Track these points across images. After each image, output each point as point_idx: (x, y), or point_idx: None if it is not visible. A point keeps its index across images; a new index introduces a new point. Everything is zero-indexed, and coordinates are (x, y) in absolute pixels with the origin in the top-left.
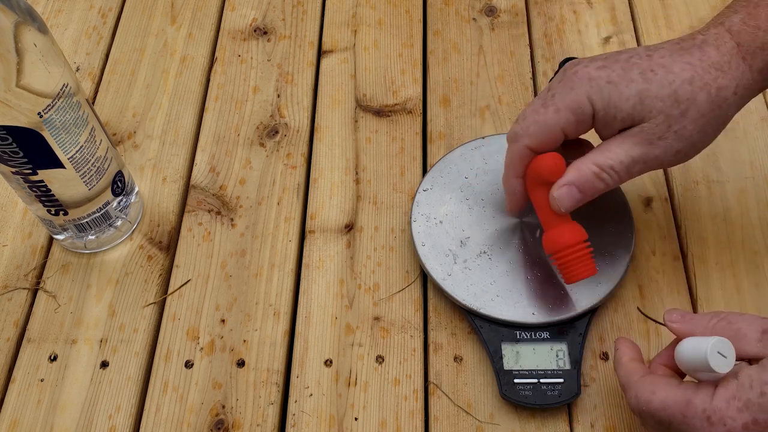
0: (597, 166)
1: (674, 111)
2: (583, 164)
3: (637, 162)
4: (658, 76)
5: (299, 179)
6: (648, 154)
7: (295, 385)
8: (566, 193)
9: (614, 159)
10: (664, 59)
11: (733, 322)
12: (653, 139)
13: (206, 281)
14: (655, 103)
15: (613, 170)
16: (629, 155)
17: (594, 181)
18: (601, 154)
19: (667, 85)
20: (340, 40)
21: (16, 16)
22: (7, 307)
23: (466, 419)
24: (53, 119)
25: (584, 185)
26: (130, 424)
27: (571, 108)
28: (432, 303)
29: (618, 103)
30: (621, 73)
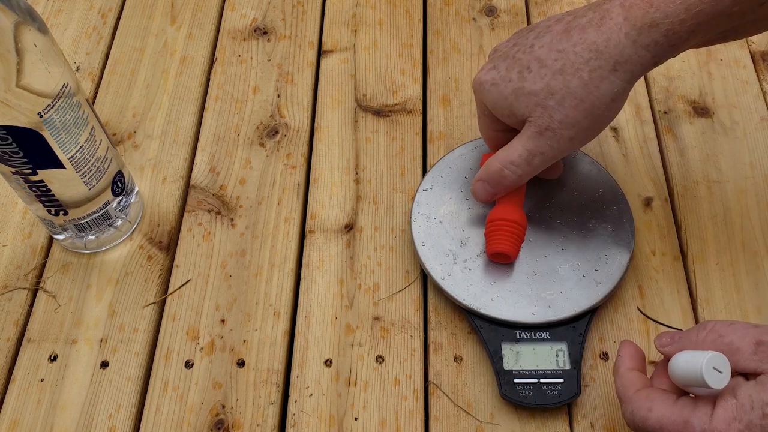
0: (500, 163)
1: (550, 102)
2: (490, 161)
3: (534, 154)
4: (532, 72)
5: (299, 179)
6: (541, 145)
7: (295, 385)
8: (480, 187)
9: (513, 154)
10: (542, 50)
11: (724, 335)
12: (541, 130)
13: (206, 281)
14: (530, 99)
15: (513, 164)
16: (525, 148)
17: (499, 175)
18: (504, 151)
19: (540, 80)
20: (340, 40)
21: (16, 16)
22: (7, 307)
23: (466, 419)
24: (53, 119)
25: (492, 179)
26: (130, 424)
27: (481, 112)
28: (432, 303)
29: (499, 103)
30: (504, 74)
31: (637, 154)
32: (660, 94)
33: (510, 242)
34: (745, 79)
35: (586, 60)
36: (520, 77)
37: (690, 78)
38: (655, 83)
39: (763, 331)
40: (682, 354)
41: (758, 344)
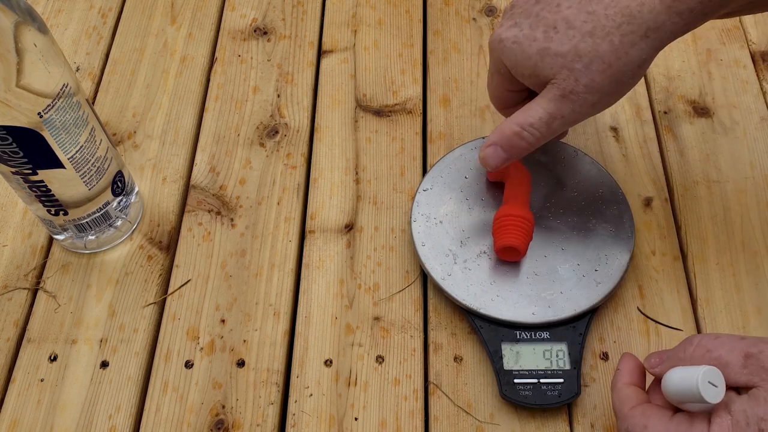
0: (518, 125)
1: (576, 65)
2: (505, 125)
3: (554, 117)
4: (559, 33)
5: (299, 179)
6: (563, 108)
7: (295, 385)
8: (492, 152)
9: (533, 116)
10: (570, 10)
11: (712, 350)
12: (565, 93)
13: (206, 281)
14: (556, 60)
15: (532, 127)
16: (546, 111)
17: (515, 139)
18: (522, 113)
19: (567, 41)
20: (340, 40)
21: (16, 16)
22: (7, 307)
23: (466, 419)
24: (53, 119)
25: (506, 144)
26: (130, 424)
27: (496, 70)
28: (432, 303)
29: (522, 62)
30: (527, 32)
31: (637, 154)
32: (660, 94)
33: (520, 237)
34: (745, 79)
35: (617, 24)
36: (546, 37)
37: (690, 78)
38: (655, 83)
39: (750, 343)
40: (676, 371)
41: (747, 357)
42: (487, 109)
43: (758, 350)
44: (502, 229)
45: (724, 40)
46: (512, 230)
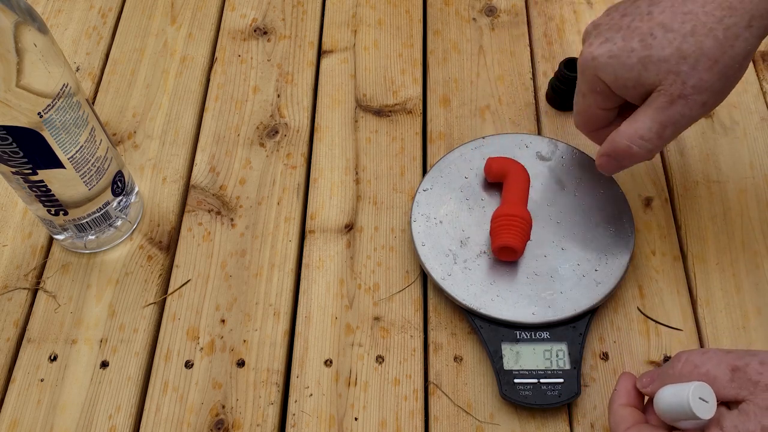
0: (627, 140)
1: (683, 67)
2: (616, 136)
3: (665, 126)
4: (657, 39)
5: (299, 179)
6: (673, 115)
7: (295, 385)
8: (605, 162)
9: (642, 128)
10: (664, 15)
11: (699, 366)
12: (674, 98)
13: (206, 281)
14: (660, 66)
15: (642, 140)
16: (656, 121)
17: (627, 153)
18: (629, 125)
19: (668, 45)
20: (340, 40)
21: (16, 16)
22: (7, 307)
23: (466, 419)
24: (53, 119)
25: (619, 155)
26: (130, 424)
27: (591, 89)
28: (432, 303)
29: (623, 74)
30: (622, 44)
31: None
32: None
33: (517, 236)
34: (745, 79)
35: (719, 18)
36: (644, 45)
37: None
38: None
39: (737, 356)
40: (666, 389)
41: (734, 370)
42: (486, 109)
43: (744, 363)
44: (499, 229)
45: None
46: (510, 230)
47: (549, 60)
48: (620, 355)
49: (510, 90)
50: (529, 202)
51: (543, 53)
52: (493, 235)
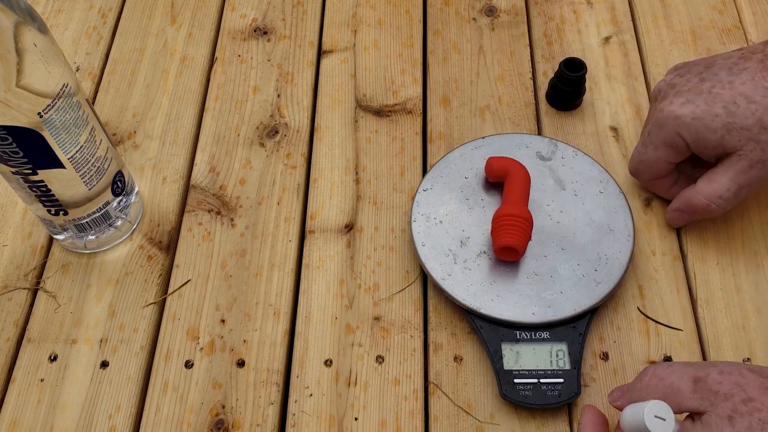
0: (705, 198)
1: (763, 137)
2: (692, 194)
3: (743, 187)
4: (740, 108)
5: (299, 179)
6: (752, 178)
7: (295, 385)
8: (677, 216)
9: (721, 189)
10: (745, 86)
11: (664, 378)
12: (753, 163)
13: (206, 281)
14: (742, 133)
15: (720, 199)
16: (735, 183)
17: (705, 210)
18: (708, 185)
19: (751, 115)
20: (340, 40)
21: (16, 16)
22: (7, 307)
23: (466, 419)
24: (53, 119)
25: (693, 211)
26: (130, 424)
27: (666, 144)
28: (432, 303)
29: (707, 136)
30: (705, 108)
31: None
32: None
33: (518, 236)
34: None
35: None
36: (728, 112)
37: None
38: (656, 83)
39: (698, 367)
40: (627, 409)
41: (695, 381)
42: (486, 109)
43: (705, 374)
44: (500, 229)
45: (724, 40)
46: (511, 230)
47: (549, 60)
48: (620, 355)
49: (510, 90)
50: (529, 202)
51: (543, 53)
52: (494, 235)
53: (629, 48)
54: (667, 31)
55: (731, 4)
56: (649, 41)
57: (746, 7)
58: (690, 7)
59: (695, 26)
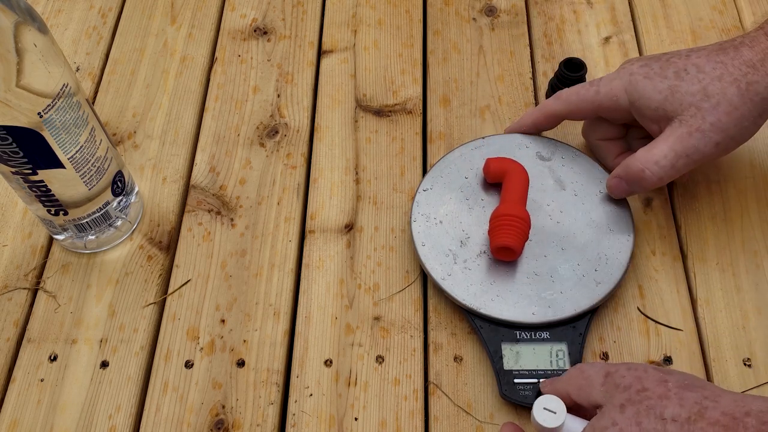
0: (641, 163)
1: (705, 104)
2: (630, 160)
3: (680, 155)
4: (689, 74)
5: (299, 179)
6: (689, 146)
7: (295, 385)
8: (616, 184)
9: (658, 155)
10: (699, 59)
11: (584, 371)
12: (692, 131)
13: (206, 281)
14: (685, 97)
15: (656, 165)
16: (672, 149)
17: (639, 176)
18: (647, 151)
19: (697, 82)
20: (340, 40)
21: (16, 16)
22: (7, 307)
23: (466, 419)
24: (53, 119)
25: (631, 179)
26: (130, 424)
27: (609, 95)
28: (432, 303)
29: (651, 95)
30: (658, 71)
31: None
32: None
33: (515, 236)
34: None
35: (744, 73)
36: (677, 76)
37: None
38: None
39: (614, 365)
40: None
41: (606, 375)
42: (486, 109)
43: (615, 369)
44: (497, 228)
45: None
46: (508, 230)
47: (549, 60)
48: (620, 355)
49: (510, 90)
50: (529, 202)
51: (543, 53)
52: (491, 235)
53: (629, 48)
54: (667, 31)
55: (731, 4)
56: (649, 41)
57: (746, 7)
58: (690, 7)
59: (695, 26)
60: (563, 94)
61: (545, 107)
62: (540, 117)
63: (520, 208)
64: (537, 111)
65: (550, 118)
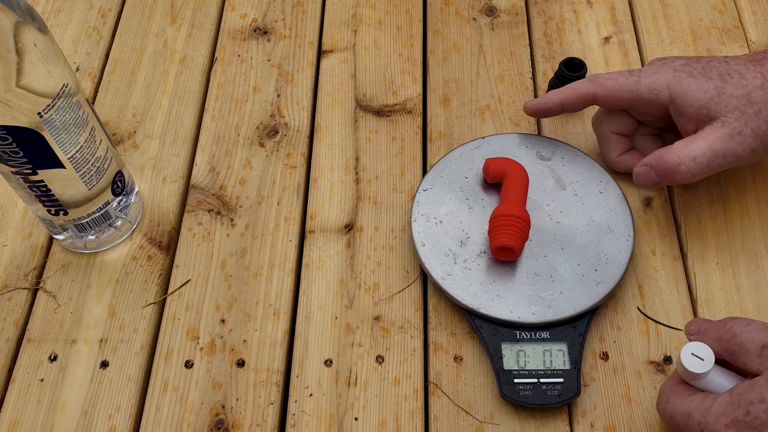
0: (678, 157)
1: (749, 110)
2: (666, 151)
3: (718, 155)
4: (733, 79)
5: (299, 179)
6: (728, 148)
7: (295, 385)
8: (645, 172)
9: (697, 151)
10: (739, 66)
11: (737, 335)
12: (734, 133)
13: (206, 281)
14: (730, 100)
15: (693, 162)
16: (712, 148)
17: (673, 169)
18: (685, 145)
19: (741, 87)
20: (340, 40)
21: (16, 16)
22: (7, 307)
23: (466, 419)
24: (53, 119)
25: (663, 171)
26: (130, 424)
27: (650, 87)
28: (432, 303)
29: (696, 94)
30: (701, 71)
31: None
32: None
33: (515, 236)
34: None
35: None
36: (722, 79)
37: None
38: None
39: None
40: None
41: (763, 347)
42: (486, 109)
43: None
44: (497, 229)
45: (724, 40)
46: (508, 230)
47: (549, 60)
48: (620, 355)
49: (510, 90)
50: (529, 202)
51: (543, 53)
52: (491, 235)
53: (629, 48)
54: (667, 31)
55: (731, 4)
56: (649, 41)
57: (746, 7)
58: (690, 7)
59: (695, 26)
60: (599, 77)
61: (577, 88)
62: (570, 96)
63: (520, 208)
64: (567, 90)
65: (581, 100)
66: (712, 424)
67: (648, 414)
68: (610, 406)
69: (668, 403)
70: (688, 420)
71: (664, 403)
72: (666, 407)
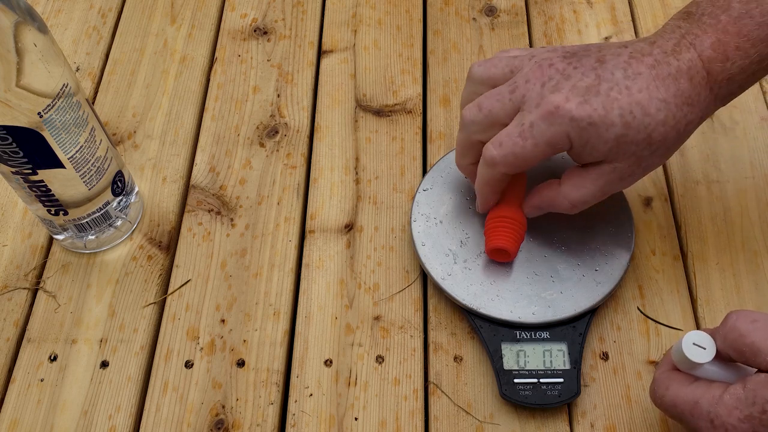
0: (570, 203)
1: (645, 152)
2: (557, 196)
3: (605, 193)
4: (636, 120)
5: (299, 179)
6: (617, 186)
7: (295, 385)
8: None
9: (587, 196)
10: (641, 94)
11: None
12: (625, 176)
13: (206, 281)
14: (629, 148)
15: (585, 204)
16: (600, 189)
17: (566, 209)
18: (576, 190)
19: (643, 129)
20: (340, 40)
21: (16, 16)
22: (7, 307)
23: (466, 419)
24: (53, 119)
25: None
26: (130, 424)
27: (550, 143)
28: (432, 303)
29: (596, 146)
30: (602, 113)
31: None
32: None
33: (510, 238)
34: None
35: (684, 113)
36: (624, 123)
37: None
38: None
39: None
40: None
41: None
42: None
43: None
44: (492, 230)
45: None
46: (502, 232)
47: None
48: (620, 355)
49: None
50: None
51: None
52: (486, 236)
53: None
54: None
55: None
56: None
57: None
58: None
59: None
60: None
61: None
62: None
63: (516, 210)
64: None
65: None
66: (723, 415)
67: (648, 414)
68: (610, 406)
69: (668, 390)
70: (695, 408)
71: (663, 390)
72: (666, 395)
